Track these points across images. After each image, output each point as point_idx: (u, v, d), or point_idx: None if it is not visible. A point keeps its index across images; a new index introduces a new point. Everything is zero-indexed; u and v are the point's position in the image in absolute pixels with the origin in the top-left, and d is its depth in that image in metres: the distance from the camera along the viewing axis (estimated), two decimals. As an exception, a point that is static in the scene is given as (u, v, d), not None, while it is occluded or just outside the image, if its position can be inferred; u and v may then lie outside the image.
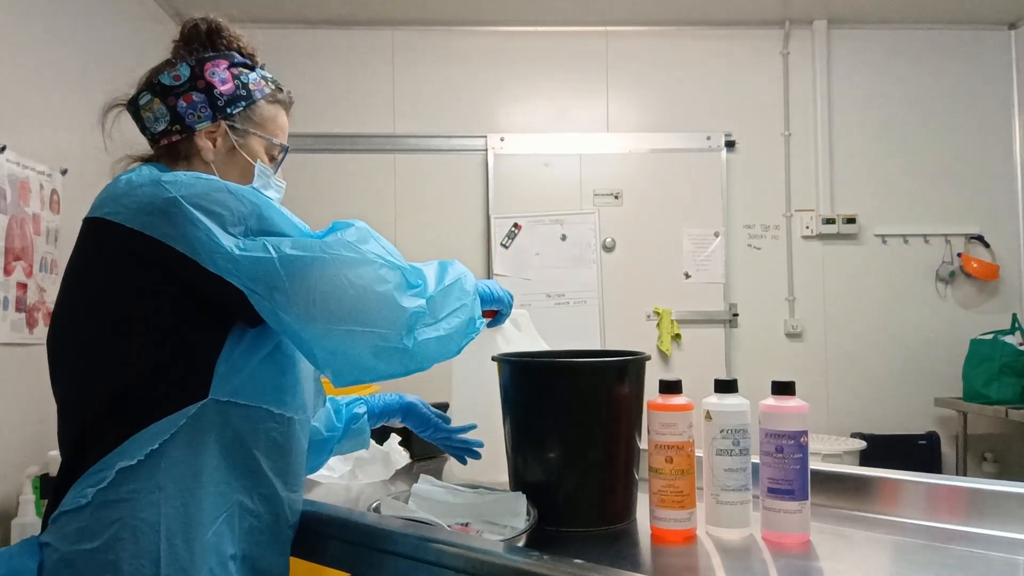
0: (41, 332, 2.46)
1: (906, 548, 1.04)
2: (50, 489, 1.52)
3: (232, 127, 1.13)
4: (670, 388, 1.09)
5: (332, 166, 3.76)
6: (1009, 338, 3.47)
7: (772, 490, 1.03)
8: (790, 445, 1.02)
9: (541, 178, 3.80)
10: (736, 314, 3.80)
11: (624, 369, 1.14)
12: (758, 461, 1.06)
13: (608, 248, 3.76)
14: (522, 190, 3.78)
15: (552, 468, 1.14)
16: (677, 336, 3.76)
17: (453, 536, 1.04)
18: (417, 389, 1.48)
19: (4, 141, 2.30)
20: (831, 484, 1.24)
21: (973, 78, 3.89)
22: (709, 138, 3.83)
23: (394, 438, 1.60)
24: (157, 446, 0.94)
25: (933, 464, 3.67)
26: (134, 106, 1.13)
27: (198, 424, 0.97)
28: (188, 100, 1.10)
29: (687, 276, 3.79)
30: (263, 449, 1.03)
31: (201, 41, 1.14)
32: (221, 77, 1.12)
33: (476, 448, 1.38)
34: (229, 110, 1.12)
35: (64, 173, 2.62)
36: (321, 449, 1.32)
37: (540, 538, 1.08)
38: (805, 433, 1.03)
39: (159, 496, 0.94)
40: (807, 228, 3.83)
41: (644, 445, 1.14)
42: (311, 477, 1.44)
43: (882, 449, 3.56)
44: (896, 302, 3.82)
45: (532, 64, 3.87)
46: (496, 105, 3.85)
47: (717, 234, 3.79)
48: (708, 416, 1.07)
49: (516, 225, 3.64)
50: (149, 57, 1.18)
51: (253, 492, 1.03)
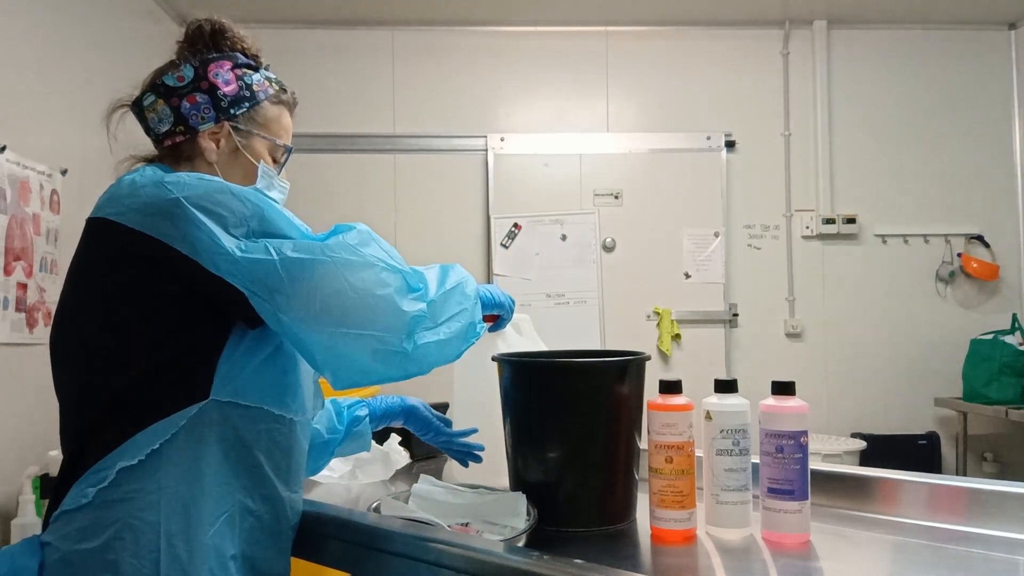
0: (41, 332, 2.46)
1: (906, 548, 1.04)
2: (50, 489, 1.53)
3: (235, 128, 1.13)
4: (670, 388, 1.09)
5: (332, 166, 3.76)
6: (1009, 338, 3.47)
7: (772, 490, 1.03)
8: (790, 445, 1.02)
9: (541, 178, 3.80)
10: (736, 314, 3.80)
11: (624, 369, 1.14)
12: (758, 461, 1.06)
13: (608, 248, 3.76)
14: (522, 190, 3.78)
15: (552, 468, 1.14)
16: (677, 336, 3.76)
17: (453, 536, 1.04)
18: (418, 390, 1.48)
19: (4, 141, 2.30)
20: (831, 484, 1.24)
21: (973, 78, 3.89)
22: (709, 138, 3.83)
23: (394, 438, 1.60)
24: (158, 446, 0.94)
25: (933, 464, 3.67)
26: (138, 107, 1.13)
27: (199, 424, 0.97)
28: (192, 101, 1.10)
29: (687, 276, 3.79)
30: (264, 450, 1.03)
31: (205, 42, 1.14)
32: (225, 78, 1.12)
33: (477, 452, 1.38)
34: (233, 111, 1.12)
35: (64, 173, 2.62)
36: (322, 451, 1.32)
37: (540, 538, 1.08)
38: (805, 433, 1.03)
39: (160, 496, 0.94)
40: (807, 228, 3.83)
41: (644, 445, 1.14)
42: (312, 477, 1.44)
43: (882, 449, 3.56)
44: (896, 302, 3.82)
45: (532, 64, 3.87)
46: (496, 105, 3.85)
47: (717, 234, 3.79)
48: (708, 416, 1.07)
49: (516, 225, 3.64)
50: (150, 58, 1.18)
51: (254, 492, 1.03)
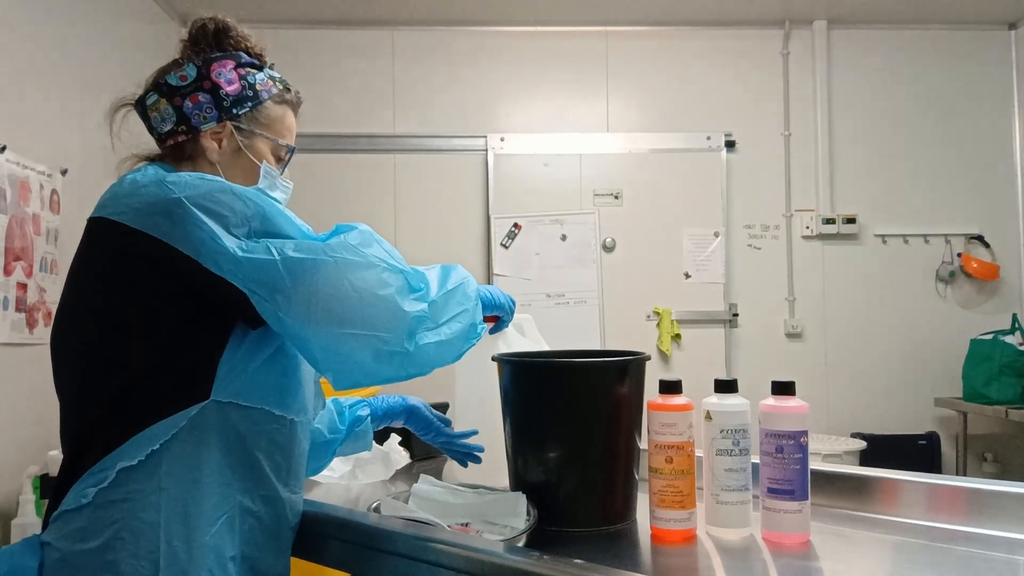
0: (41, 332, 2.46)
1: (906, 548, 1.04)
2: (50, 489, 1.52)
3: (238, 128, 1.12)
4: (670, 388, 1.09)
5: (332, 166, 3.75)
6: (1009, 338, 3.47)
7: (772, 490, 1.03)
8: (790, 445, 1.02)
9: (541, 178, 3.80)
10: (736, 314, 3.80)
11: (624, 369, 1.14)
12: (758, 461, 1.06)
13: (608, 248, 3.76)
14: (522, 190, 3.78)
15: (552, 468, 1.14)
16: (677, 336, 3.76)
17: (453, 536, 1.04)
18: (419, 390, 1.47)
19: (4, 141, 2.30)
20: (831, 484, 1.24)
21: (973, 78, 3.89)
22: (709, 138, 3.83)
23: (394, 438, 1.60)
24: (158, 446, 0.94)
25: (933, 464, 3.67)
26: (141, 106, 1.13)
27: (199, 425, 0.97)
28: (194, 101, 1.10)
29: (687, 276, 3.79)
30: (265, 450, 1.03)
31: (208, 41, 1.13)
32: (227, 78, 1.11)
33: (476, 452, 1.38)
34: (235, 111, 1.12)
35: (64, 173, 2.62)
36: (324, 451, 1.32)
37: (540, 538, 1.08)
38: (805, 433, 1.03)
39: (160, 497, 0.94)
40: (807, 228, 3.83)
41: (644, 445, 1.14)
42: (312, 477, 1.44)
43: (882, 449, 3.56)
44: (896, 302, 3.82)
45: (532, 64, 3.87)
46: (496, 105, 3.85)
47: (717, 234, 3.79)
48: (708, 416, 1.07)
49: (516, 225, 3.64)
50: (150, 58, 1.18)
51: (254, 493, 1.03)
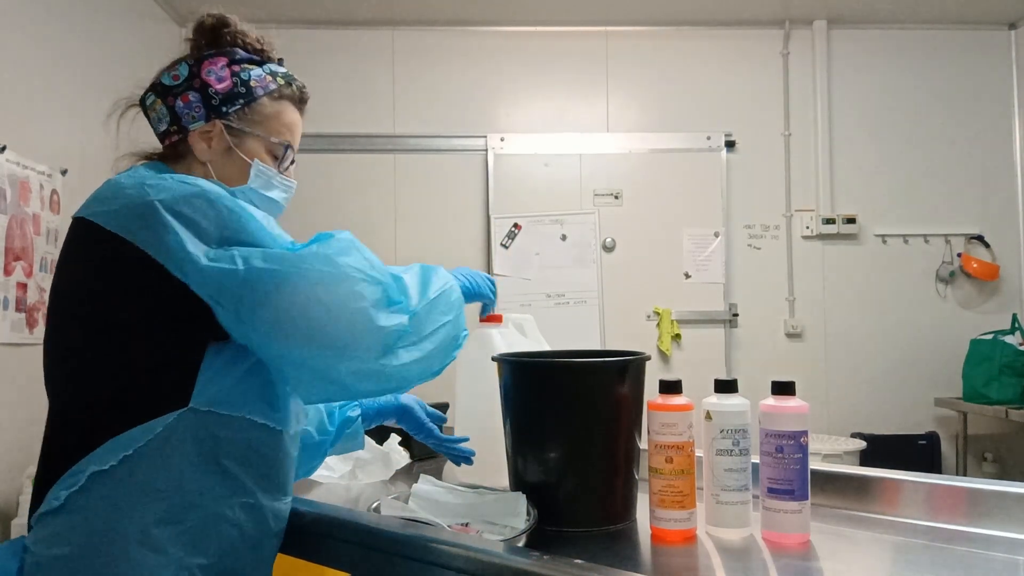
0: (41, 332, 2.44)
1: (906, 548, 1.04)
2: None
3: (228, 127, 1.10)
4: (670, 388, 1.09)
5: (332, 166, 3.75)
6: (1009, 338, 3.47)
7: (772, 490, 1.03)
8: (790, 445, 1.02)
9: (541, 178, 3.80)
10: (736, 314, 3.80)
11: (624, 369, 1.14)
12: (758, 461, 1.06)
13: (608, 248, 3.76)
14: (522, 190, 3.78)
15: (552, 468, 1.14)
16: (677, 336, 3.76)
17: (453, 536, 1.03)
18: (419, 389, 1.47)
19: (4, 141, 2.30)
20: (831, 484, 1.24)
21: (973, 78, 3.89)
22: (709, 138, 3.83)
23: (394, 438, 1.60)
24: (131, 452, 0.91)
25: (933, 464, 3.67)
26: (143, 106, 1.13)
27: (176, 432, 0.93)
28: (185, 100, 1.08)
29: (687, 276, 3.79)
30: (245, 460, 0.99)
31: (206, 37, 1.12)
32: (218, 75, 1.09)
33: (468, 455, 1.36)
34: (224, 109, 1.09)
35: (64, 173, 2.62)
36: (314, 453, 1.30)
37: (540, 538, 1.08)
38: (805, 433, 1.03)
39: (131, 502, 0.91)
40: (807, 228, 3.83)
41: (644, 445, 1.14)
42: (311, 477, 1.44)
43: (882, 449, 3.56)
44: (896, 302, 3.82)
45: (532, 64, 3.87)
46: (496, 105, 3.85)
47: (717, 234, 3.79)
48: (708, 416, 1.07)
49: (516, 225, 3.64)
50: (150, 58, 1.18)
51: (232, 501, 0.99)
